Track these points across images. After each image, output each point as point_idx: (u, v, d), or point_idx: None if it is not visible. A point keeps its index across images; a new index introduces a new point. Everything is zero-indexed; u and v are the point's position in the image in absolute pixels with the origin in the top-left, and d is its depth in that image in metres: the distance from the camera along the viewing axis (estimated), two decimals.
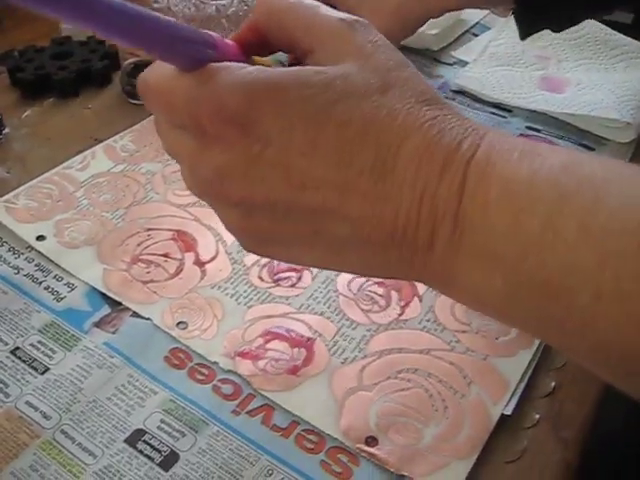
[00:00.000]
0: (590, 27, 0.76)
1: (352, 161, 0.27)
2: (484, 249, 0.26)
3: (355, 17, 0.30)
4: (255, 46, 0.31)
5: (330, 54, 0.29)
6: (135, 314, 0.44)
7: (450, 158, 0.27)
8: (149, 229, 0.50)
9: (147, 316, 0.44)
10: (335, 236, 0.29)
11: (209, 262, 0.48)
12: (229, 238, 0.50)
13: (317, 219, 0.28)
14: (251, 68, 0.28)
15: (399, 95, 0.28)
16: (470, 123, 0.28)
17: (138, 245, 0.49)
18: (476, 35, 0.80)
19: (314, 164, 0.27)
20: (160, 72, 0.29)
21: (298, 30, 0.30)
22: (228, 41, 0.30)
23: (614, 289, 0.24)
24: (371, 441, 0.38)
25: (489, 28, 0.81)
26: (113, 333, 0.43)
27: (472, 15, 0.83)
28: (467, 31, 0.81)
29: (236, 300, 0.46)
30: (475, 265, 0.27)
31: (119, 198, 0.53)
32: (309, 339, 0.43)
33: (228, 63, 0.28)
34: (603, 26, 0.76)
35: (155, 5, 0.65)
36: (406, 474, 0.37)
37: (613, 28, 0.76)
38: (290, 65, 0.29)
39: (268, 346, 0.43)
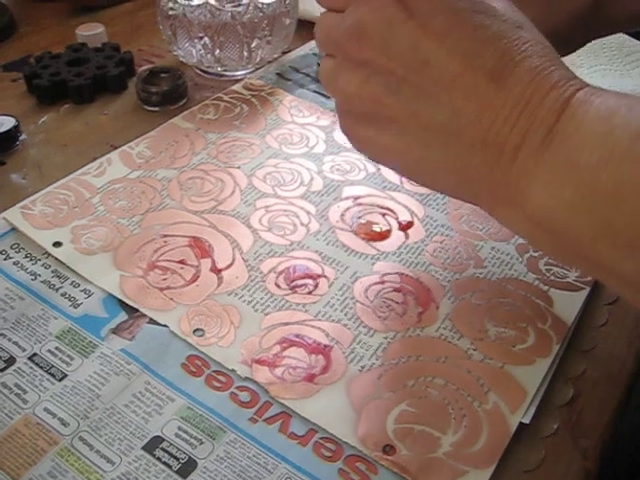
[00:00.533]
0: None
1: (476, 56, 0.30)
2: (567, 158, 0.28)
3: None
4: None
5: None
6: (152, 321, 0.44)
7: (562, 82, 0.30)
8: (165, 235, 0.50)
9: (164, 323, 0.44)
10: (431, 123, 0.32)
11: (225, 269, 0.48)
12: (245, 244, 0.50)
13: (423, 98, 0.32)
14: None
15: (531, 32, 0.32)
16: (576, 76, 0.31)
17: (154, 252, 0.49)
18: None
19: (443, 47, 0.31)
20: None
21: None
22: None
23: None
24: (389, 449, 0.38)
25: None
26: (130, 340, 0.43)
27: None
28: None
29: (253, 307, 0.46)
30: (552, 174, 0.29)
31: (135, 204, 0.53)
32: (326, 346, 0.43)
33: None
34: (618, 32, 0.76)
35: (171, 12, 0.65)
36: None
37: (628, 35, 0.76)
38: None
39: (285, 353, 0.43)
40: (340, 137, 0.62)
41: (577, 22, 0.45)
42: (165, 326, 0.44)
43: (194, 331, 0.44)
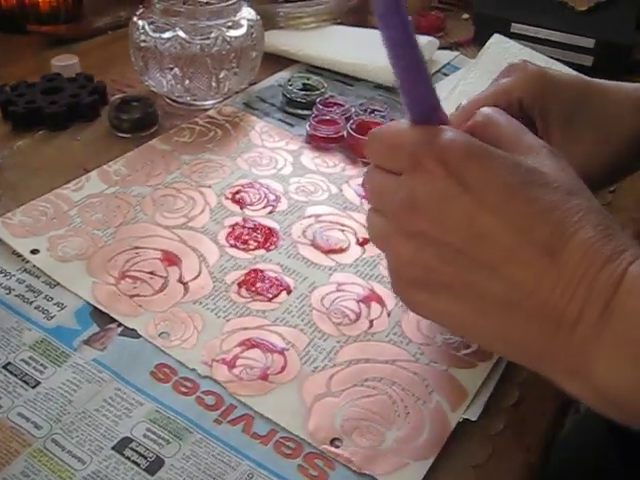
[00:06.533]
0: (554, 67, 0.81)
1: (529, 231, 0.31)
2: (628, 336, 0.29)
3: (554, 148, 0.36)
4: None
5: (531, 161, 0.34)
6: (123, 333, 0.46)
7: (615, 256, 0.30)
8: (137, 247, 0.53)
9: (132, 327, 0.47)
10: (487, 293, 0.32)
11: (192, 280, 0.51)
12: (212, 258, 0.53)
13: (479, 271, 0.32)
14: (471, 136, 0.34)
15: (582, 200, 0.32)
16: (632, 240, 0.32)
17: (126, 262, 0.52)
18: (446, 75, 0.85)
19: (498, 221, 0.31)
20: (395, 125, 0.36)
21: (508, 141, 0.35)
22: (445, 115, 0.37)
23: None
24: (336, 442, 0.41)
25: (459, 68, 0.86)
26: (101, 350, 0.45)
27: (442, 56, 0.88)
28: (438, 71, 0.85)
29: (216, 314, 0.48)
30: (615, 350, 0.29)
31: (110, 218, 0.56)
32: (283, 349, 0.46)
33: (456, 129, 0.34)
34: (565, 66, 0.81)
35: (142, 44, 0.68)
36: (368, 473, 0.39)
37: (575, 69, 0.81)
38: None
39: (244, 354, 0.45)
40: (306, 161, 0.65)
41: (634, 146, 0.46)
42: (133, 330, 0.46)
43: (160, 334, 0.47)
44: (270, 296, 0.50)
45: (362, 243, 0.55)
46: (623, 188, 0.64)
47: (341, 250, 0.54)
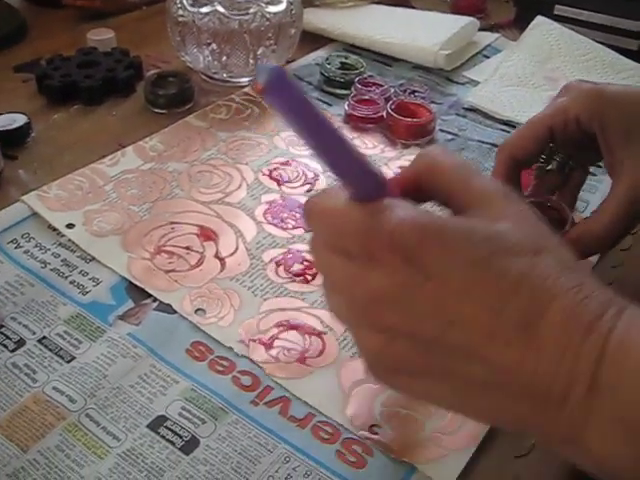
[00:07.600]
0: (597, 51, 0.78)
1: (503, 309, 0.29)
2: (615, 414, 0.28)
3: (508, 188, 0.32)
4: (410, 191, 0.33)
5: (486, 214, 0.31)
6: (158, 308, 0.46)
7: (594, 323, 0.28)
8: (173, 222, 0.53)
9: (167, 302, 0.46)
10: (470, 377, 0.30)
11: (229, 256, 0.50)
12: (249, 234, 0.52)
13: (456, 357, 0.30)
14: (423, 209, 0.30)
15: (550, 258, 0.30)
16: (611, 294, 0.30)
17: (162, 237, 0.51)
18: (487, 57, 0.83)
19: (467, 304, 0.29)
20: (333, 200, 0.31)
21: (457, 188, 0.32)
22: (391, 181, 0.32)
23: None
24: (375, 429, 0.40)
25: (500, 50, 0.84)
26: (137, 325, 0.45)
27: (483, 38, 0.85)
28: (478, 53, 0.83)
29: (253, 292, 0.48)
30: (604, 427, 0.28)
31: (146, 193, 0.56)
32: (320, 332, 0.45)
33: (401, 201, 0.30)
34: (610, 50, 0.78)
35: (180, 19, 0.67)
36: (407, 460, 0.38)
37: (619, 53, 0.78)
38: None
39: (281, 336, 0.44)
40: None
41: None
42: (169, 305, 0.46)
43: (196, 311, 0.46)
44: (309, 278, 0.49)
45: None
46: None
47: None
